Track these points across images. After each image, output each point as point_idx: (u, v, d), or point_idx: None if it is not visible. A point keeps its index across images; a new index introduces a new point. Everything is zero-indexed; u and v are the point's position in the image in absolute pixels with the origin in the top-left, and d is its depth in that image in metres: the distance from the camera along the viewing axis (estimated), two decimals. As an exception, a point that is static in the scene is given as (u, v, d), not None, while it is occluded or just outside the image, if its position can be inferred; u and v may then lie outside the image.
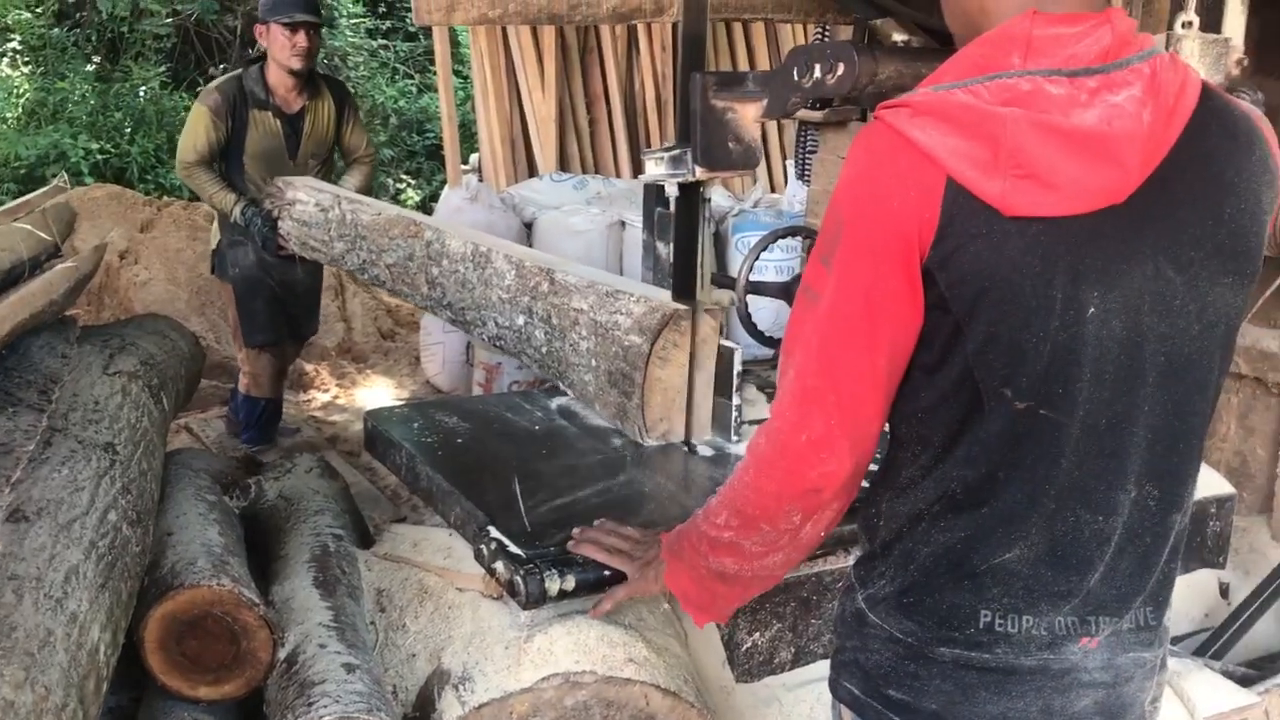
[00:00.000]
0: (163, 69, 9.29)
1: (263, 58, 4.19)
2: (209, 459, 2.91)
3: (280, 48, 4.05)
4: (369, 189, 4.46)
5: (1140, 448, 1.25)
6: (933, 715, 1.31)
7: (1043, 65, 1.16)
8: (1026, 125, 1.13)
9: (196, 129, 4.11)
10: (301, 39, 4.03)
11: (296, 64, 4.06)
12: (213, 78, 9.63)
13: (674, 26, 5.27)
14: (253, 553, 2.42)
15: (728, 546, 1.45)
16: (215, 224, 4.36)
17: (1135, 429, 1.24)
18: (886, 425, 1.33)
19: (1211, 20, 2.27)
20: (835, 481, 1.31)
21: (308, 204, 3.73)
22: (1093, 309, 1.18)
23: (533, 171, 5.96)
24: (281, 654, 1.99)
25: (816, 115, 4.36)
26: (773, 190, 6.22)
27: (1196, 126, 1.21)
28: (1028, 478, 1.24)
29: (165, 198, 7.31)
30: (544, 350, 2.58)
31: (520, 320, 2.64)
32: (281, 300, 4.34)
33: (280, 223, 3.85)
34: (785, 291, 3.55)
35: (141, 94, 8.96)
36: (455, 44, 7.45)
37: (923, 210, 1.17)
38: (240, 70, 4.21)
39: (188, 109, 9.03)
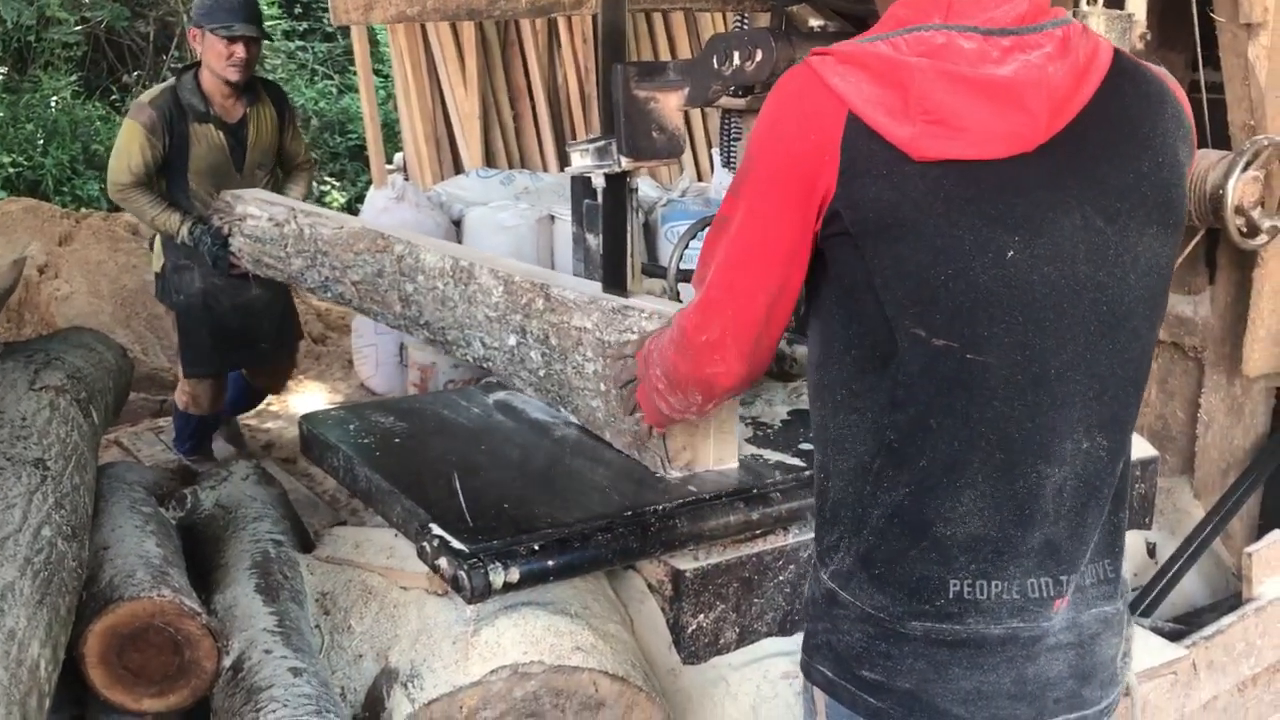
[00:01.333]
0: (74, 78, 9.09)
1: (196, 65, 3.92)
2: (142, 471, 2.87)
3: (216, 57, 3.76)
4: (309, 197, 4.26)
5: (1088, 397, 1.28)
6: (907, 694, 1.31)
7: (961, 23, 1.22)
8: (934, 74, 1.19)
9: (130, 148, 3.78)
10: (240, 51, 3.75)
11: (233, 76, 3.79)
12: (127, 86, 9.47)
13: (594, 18, 5.28)
14: (192, 563, 2.40)
15: (661, 394, 1.69)
16: (157, 247, 4.05)
17: (1080, 377, 1.27)
18: (818, 381, 1.39)
19: (1115, -3, 2.34)
20: (728, 379, 1.47)
21: (260, 218, 3.51)
22: (1013, 253, 1.21)
23: (458, 168, 5.93)
24: (226, 662, 1.98)
25: (740, 103, 4.40)
26: (700, 179, 6.25)
27: (1110, 86, 1.26)
28: (961, 423, 1.25)
29: (84, 209, 7.16)
30: (541, 373, 2.39)
31: (512, 341, 2.45)
32: (234, 327, 4.03)
33: (231, 240, 3.64)
34: (716, 278, 3.58)
35: (53, 104, 8.75)
36: (374, 43, 7.38)
37: (823, 152, 1.22)
38: (173, 81, 3.91)
39: (102, 118, 8.93)
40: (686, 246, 3.40)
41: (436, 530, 1.99)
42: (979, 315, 1.23)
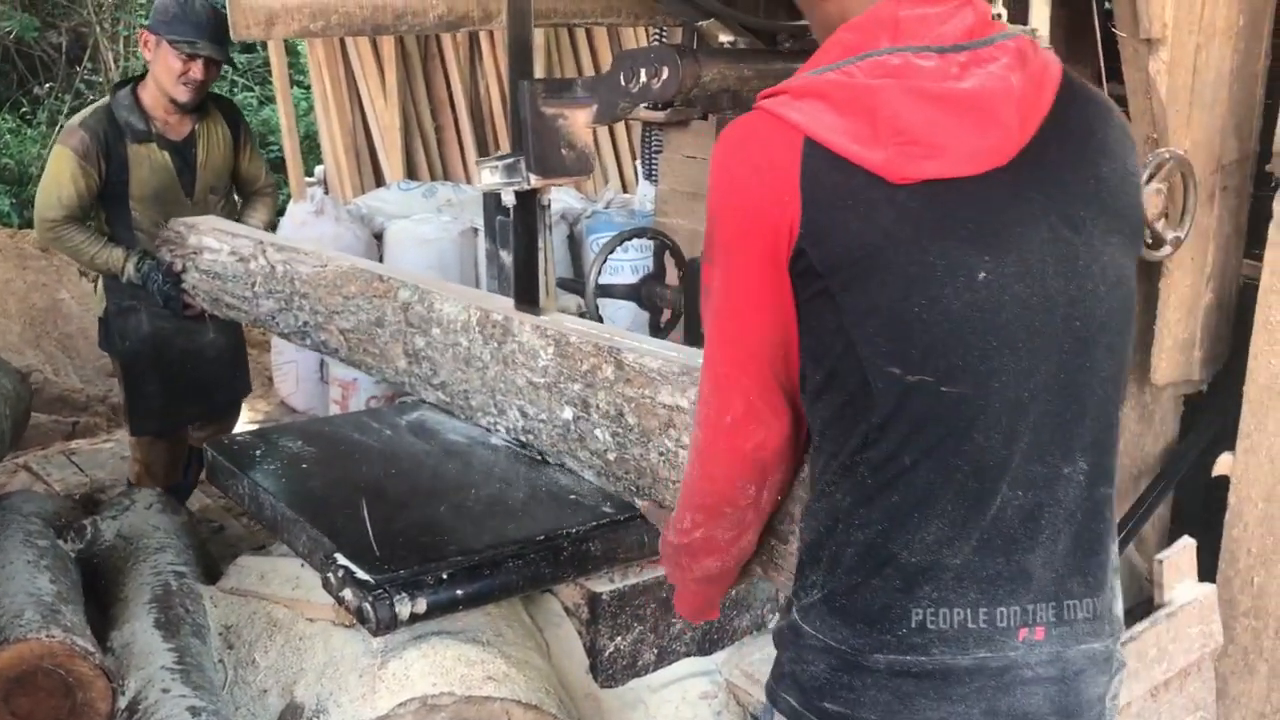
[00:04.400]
0: (-19, 90, 8.82)
1: (132, 80, 3.47)
2: (41, 501, 2.77)
3: (167, 72, 3.30)
4: (273, 226, 3.81)
5: (1065, 419, 1.23)
6: None
7: (911, 44, 1.19)
8: (900, 93, 1.15)
9: (60, 178, 3.30)
10: (197, 71, 3.29)
11: (183, 96, 3.33)
12: (38, 98, 9.21)
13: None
14: (93, 597, 2.32)
15: (703, 545, 1.43)
16: (100, 289, 3.56)
17: (1056, 399, 1.22)
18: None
19: (1019, 12, 2.36)
20: (772, 446, 1.32)
21: (219, 251, 3.09)
22: (984, 274, 1.17)
23: (379, 181, 5.85)
24: (122, 702, 1.92)
25: (659, 116, 4.41)
26: (625, 190, 6.24)
27: (1064, 96, 1.23)
28: (936, 457, 1.20)
29: (-9, 226, 6.94)
30: (611, 457, 1.97)
31: (567, 414, 2.05)
32: (186, 375, 3.54)
33: (184, 276, 3.22)
34: (635, 293, 3.57)
35: (-40, 117, 8.49)
36: (294, 54, 7.26)
37: (781, 193, 1.17)
38: (107, 99, 3.43)
39: (12, 131, 8.68)
40: (604, 261, 3.38)
41: (341, 560, 1.94)
42: (953, 345, 1.18)
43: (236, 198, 3.74)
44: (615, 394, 1.94)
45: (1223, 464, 2.73)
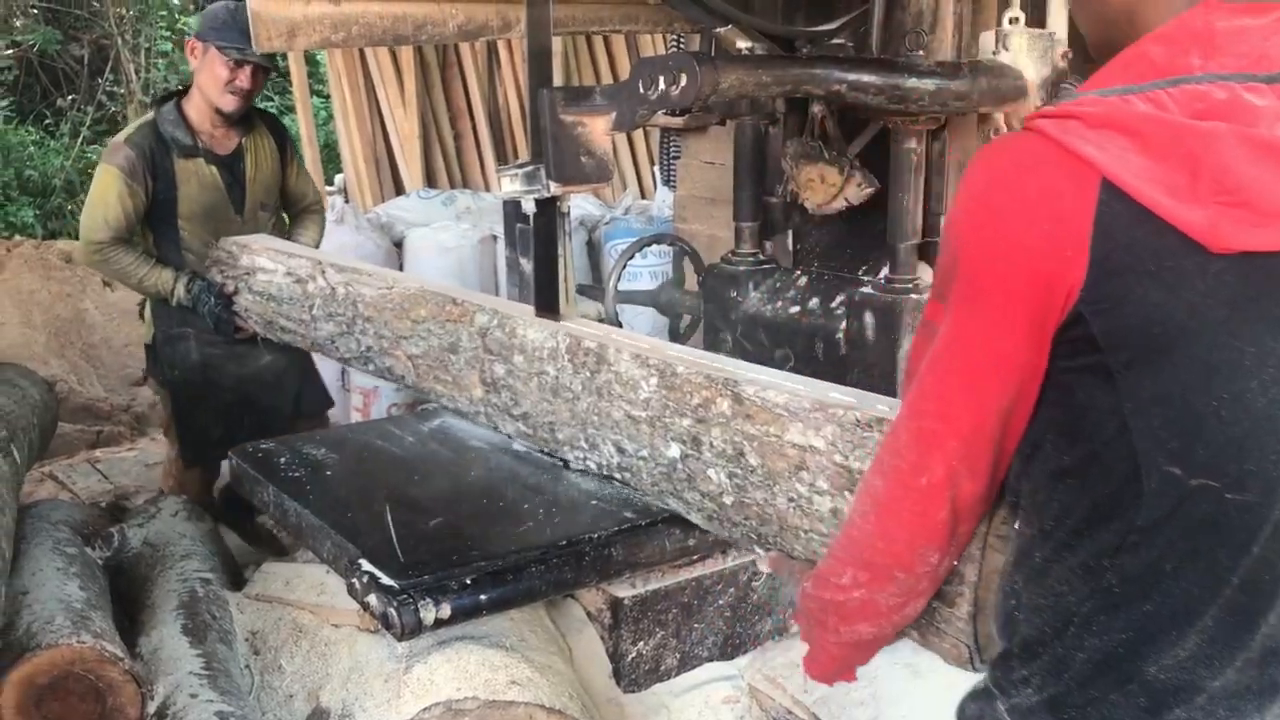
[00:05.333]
0: (5, 103, 8.91)
1: (175, 94, 3.35)
2: (69, 509, 2.80)
3: (213, 80, 3.20)
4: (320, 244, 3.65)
5: None
6: None
7: (1229, 67, 1.00)
8: (1235, 142, 0.96)
9: (106, 198, 3.17)
10: (244, 79, 3.20)
11: (229, 105, 3.22)
12: (61, 110, 9.31)
13: (528, 40, 5.27)
14: (120, 604, 2.34)
15: (860, 608, 1.26)
16: (148, 315, 3.42)
17: None
18: (1017, 490, 1.17)
19: (1037, 15, 2.36)
20: (965, 506, 1.16)
21: (274, 272, 2.95)
22: None
23: (399, 189, 5.88)
24: (151, 707, 1.93)
25: (677, 121, 4.42)
26: (643, 196, 6.25)
27: None
28: (1204, 568, 1.03)
29: (16, 237, 7.01)
30: (728, 501, 1.79)
31: (673, 451, 1.87)
32: (241, 402, 3.38)
33: (236, 298, 3.10)
34: (654, 299, 3.58)
35: (-16, 130, 8.58)
36: (313, 63, 7.31)
37: (1063, 245, 0.99)
38: (151, 114, 3.31)
39: (36, 143, 8.76)
40: (624, 267, 3.39)
41: (366, 566, 1.95)
42: (1249, 448, 1.00)
43: (285, 216, 3.62)
44: (733, 431, 1.75)
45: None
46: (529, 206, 2.42)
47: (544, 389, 2.13)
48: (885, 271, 2.52)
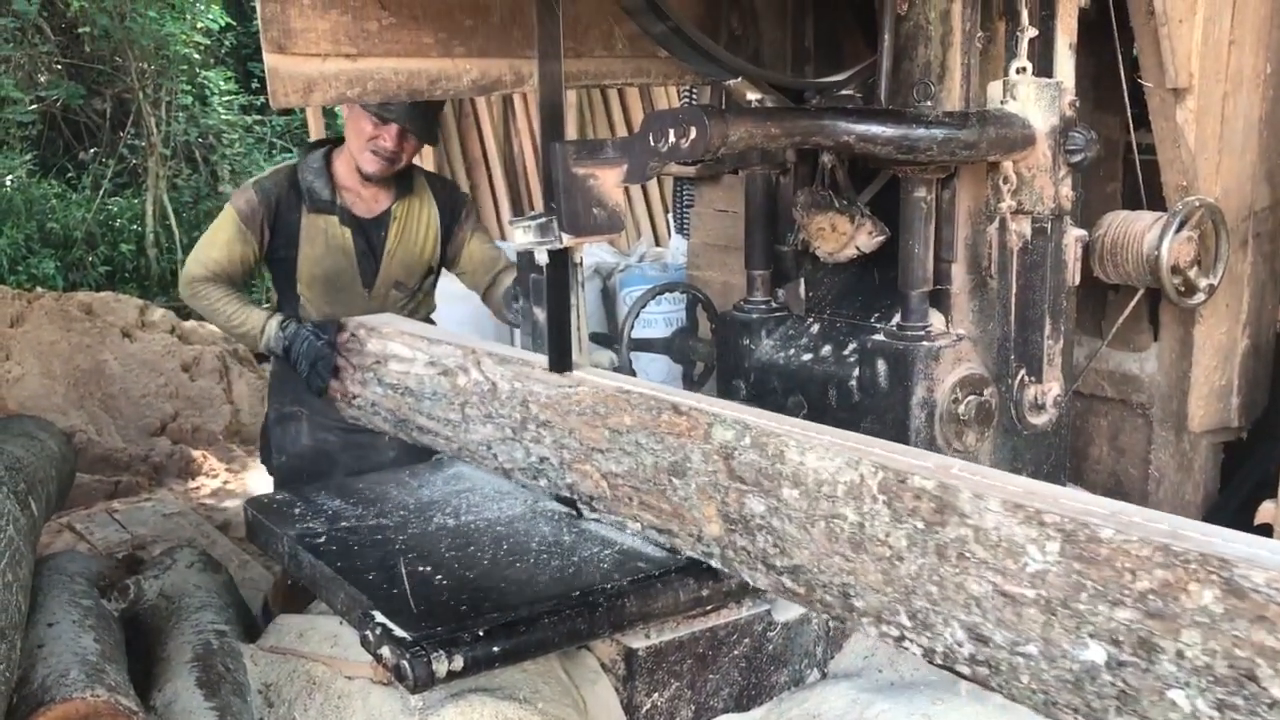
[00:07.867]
0: (29, 156, 9.05)
1: (330, 142, 3.14)
2: (86, 561, 2.81)
3: (357, 134, 2.95)
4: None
5: None
6: None
7: None
8: None
9: (215, 237, 2.98)
10: (388, 140, 2.92)
11: (369, 166, 2.95)
12: (84, 164, 9.45)
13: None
14: (134, 656, 2.34)
15: None
16: (266, 390, 3.20)
17: None
18: None
19: (1043, 65, 2.38)
20: None
21: (411, 361, 2.51)
22: None
23: (416, 240, 5.94)
24: (164, 762, 1.93)
25: (690, 170, 4.46)
26: (658, 244, 6.30)
27: None
28: None
29: (38, 289, 7.10)
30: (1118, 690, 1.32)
31: (1092, 654, 1.34)
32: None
33: (363, 390, 2.71)
34: (668, 347, 3.59)
35: (7, 183, 8.71)
36: (331, 115, 7.41)
37: None
38: (294, 159, 3.11)
39: (59, 196, 8.89)
40: (637, 315, 3.41)
41: (379, 617, 1.95)
42: None
43: (432, 297, 3.26)
44: (1222, 636, 1.21)
45: (1264, 512, 2.70)
46: (542, 257, 2.44)
47: (835, 539, 1.64)
48: (897, 319, 2.53)
